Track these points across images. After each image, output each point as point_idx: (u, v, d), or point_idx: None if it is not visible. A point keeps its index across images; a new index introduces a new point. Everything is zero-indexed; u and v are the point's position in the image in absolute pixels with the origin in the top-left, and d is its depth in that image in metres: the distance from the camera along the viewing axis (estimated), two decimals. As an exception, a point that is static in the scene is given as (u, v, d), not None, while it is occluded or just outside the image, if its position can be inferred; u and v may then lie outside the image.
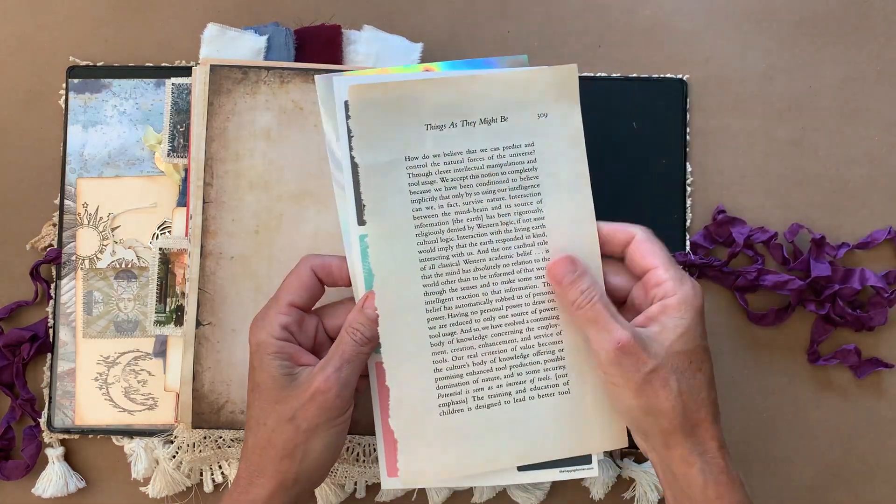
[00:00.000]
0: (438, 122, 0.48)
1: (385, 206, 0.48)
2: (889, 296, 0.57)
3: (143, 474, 0.57)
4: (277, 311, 0.47)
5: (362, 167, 0.48)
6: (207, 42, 0.57)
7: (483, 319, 0.49)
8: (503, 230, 0.49)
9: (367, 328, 0.47)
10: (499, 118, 0.49)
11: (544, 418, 0.49)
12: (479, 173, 0.49)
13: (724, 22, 0.60)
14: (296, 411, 0.45)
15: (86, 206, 0.58)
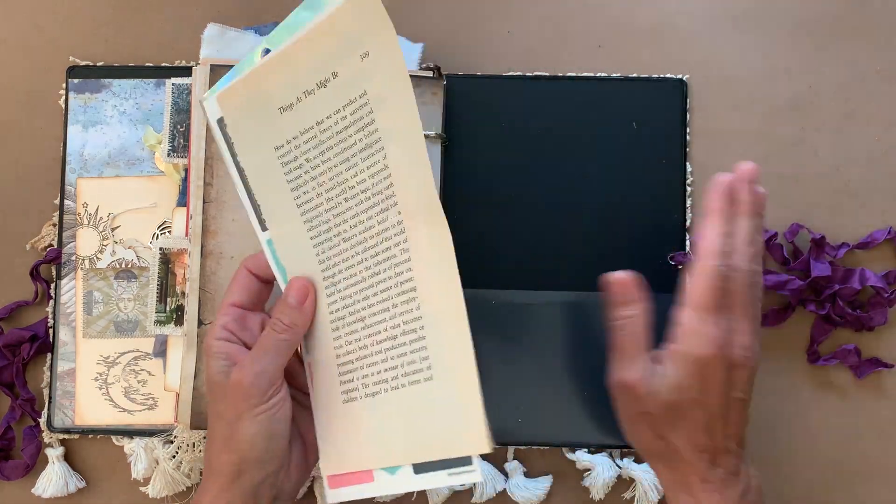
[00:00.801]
0: (286, 102, 0.46)
1: (274, 202, 0.48)
2: (889, 296, 0.57)
3: (143, 474, 0.57)
4: (221, 312, 0.49)
5: (247, 170, 0.48)
6: (207, 42, 0.57)
7: (361, 299, 0.47)
8: (363, 199, 0.46)
9: (286, 315, 0.47)
10: (330, 75, 0.45)
11: (418, 410, 0.45)
12: (332, 143, 0.46)
13: (724, 22, 0.60)
14: (221, 405, 0.47)
15: (86, 206, 0.58)
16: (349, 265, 0.47)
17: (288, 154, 0.47)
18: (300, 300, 0.48)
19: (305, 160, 0.47)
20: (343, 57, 0.44)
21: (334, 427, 0.48)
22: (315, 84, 0.46)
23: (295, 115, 0.47)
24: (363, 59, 0.44)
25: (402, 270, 0.46)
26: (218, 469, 0.47)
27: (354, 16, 0.43)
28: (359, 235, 0.47)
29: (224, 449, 0.46)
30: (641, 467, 0.57)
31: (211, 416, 0.48)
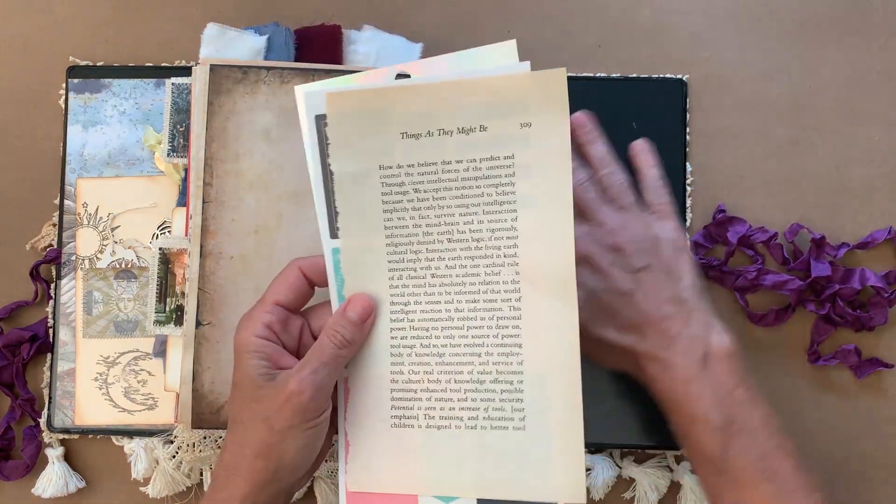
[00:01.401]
0: (413, 130, 0.46)
1: (358, 214, 0.47)
2: (889, 296, 0.57)
3: (143, 474, 0.57)
4: (263, 309, 0.47)
5: (337, 175, 0.47)
6: (207, 42, 0.57)
7: (443, 337, 0.47)
8: (473, 247, 0.47)
9: (348, 331, 0.47)
10: (477, 127, 0.46)
11: (497, 452, 0.47)
12: (452, 185, 0.46)
13: (724, 22, 0.60)
14: (270, 412, 0.45)
15: (86, 206, 0.58)
16: (433, 300, 0.47)
17: (395, 177, 0.47)
18: (362, 318, 0.47)
19: (413, 189, 0.47)
20: (501, 117, 0.45)
21: (373, 447, 0.48)
22: (456, 128, 0.46)
23: (419, 145, 0.46)
24: (523, 126, 0.45)
25: (506, 325, 0.47)
26: (249, 473, 0.45)
27: (534, 88, 0.45)
28: (455, 277, 0.47)
29: (262, 455, 0.45)
30: (641, 467, 0.57)
31: (245, 415, 0.46)
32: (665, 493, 0.57)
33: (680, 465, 0.57)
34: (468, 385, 0.47)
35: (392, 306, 0.48)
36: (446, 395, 0.47)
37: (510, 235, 0.46)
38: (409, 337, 0.48)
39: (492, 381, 0.47)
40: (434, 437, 0.48)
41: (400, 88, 0.46)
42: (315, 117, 0.47)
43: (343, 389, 0.49)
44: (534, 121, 0.45)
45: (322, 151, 0.47)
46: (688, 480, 0.56)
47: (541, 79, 0.44)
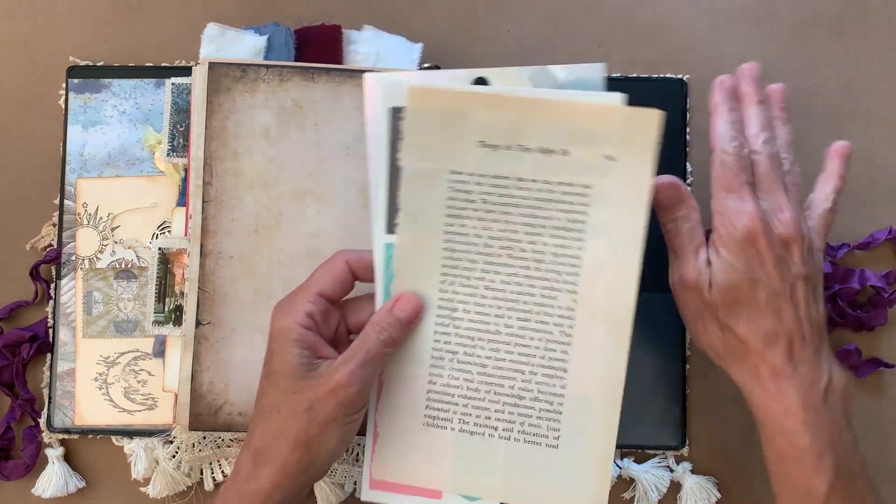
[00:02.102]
0: (492, 141, 0.46)
1: (419, 213, 0.47)
2: (889, 296, 0.57)
3: (143, 474, 0.57)
4: (305, 298, 0.46)
5: (406, 172, 0.46)
6: (207, 42, 0.57)
7: (489, 349, 0.48)
8: (533, 267, 0.47)
9: (396, 329, 0.47)
10: (560, 151, 0.45)
11: (527, 463, 0.48)
12: (522, 203, 0.46)
13: (724, 22, 0.60)
14: (313, 402, 0.44)
15: (86, 206, 0.58)
16: (483, 312, 0.47)
17: (464, 184, 0.46)
18: (411, 318, 0.47)
19: (482, 199, 0.46)
20: (586, 144, 0.45)
21: (402, 442, 0.49)
22: (537, 147, 0.45)
23: (496, 156, 0.46)
24: (606, 159, 0.45)
25: (554, 349, 0.47)
26: (283, 464, 0.45)
27: (626, 124, 0.45)
28: (509, 293, 0.47)
29: (300, 446, 0.45)
30: (641, 467, 0.57)
31: (283, 405, 0.45)
32: (665, 493, 0.57)
33: (680, 466, 0.57)
34: (507, 399, 0.48)
35: (439, 310, 0.48)
36: (484, 405, 0.48)
37: (573, 263, 0.46)
38: (453, 343, 0.48)
39: (532, 398, 0.48)
40: (466, 441, 0.48)
41: (486, 95, 0.45)
42: (390, 109, 0.47)
43: (376, 381, 0.49)
44: (619, 156, 0.45)
45: (392, 144, 0.47)
46: (688, 480, 0.56)
47: (635, 117, 0.45)
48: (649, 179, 0.45)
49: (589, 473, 0.48)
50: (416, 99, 0.46)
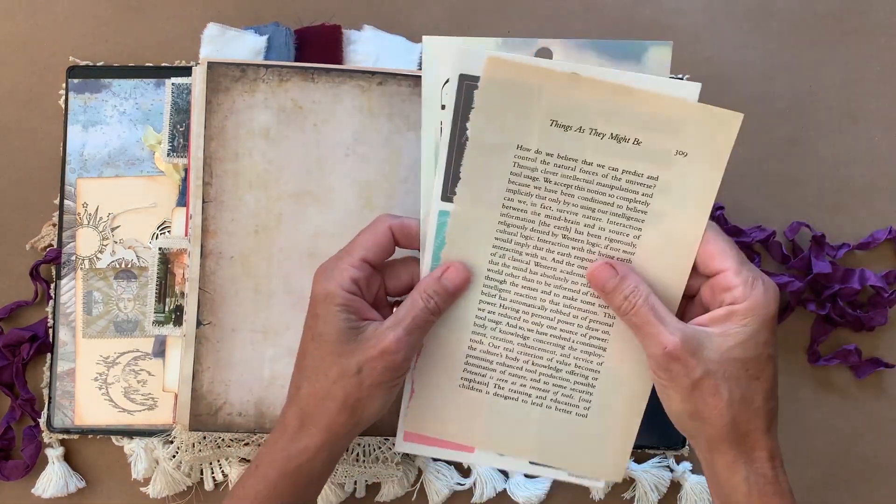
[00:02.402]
0: (564, 121, 0.45)
1: (479, 184, 0.46)
2: (889, 296, 0.57)
3: (143, 474, 0.57)
4: (350, 263, 0.47)
5: (472, 142, 0.46)
6: (207, 42, 0.57)
7: (531, 322, 0.48)
8: (587, 249, 0.47)
9: (442, 298, 0.47)
10: (632, 140, 0.45)
11: (557, 427, 0.50)
12: (585, 186, 0.46)
13: (724, 22, 0.60)
14: (361, 366, 0.45)
15: (86, 206, 0.58)
16: (530, 287, 0.48)
17: (528, 160, 0.46)
18: (459, 288, 0.48)
19: (544, 178, 0.46)
20: (660, 137, 0.45)
21: (437, 400, 0.50)
22: (609, 133, 0.45)
23: (566, 137, 0.45)
24: (676, 153, 0.45)
25: (596, 328, 0.48)
26: (330, 425, 0.46)
27: (704, 121, 0.45)
28: (559, 272, 0.47)
29: (347, 408, 0.46)
30: (642, 467, 0.57)
31: (331, 367, 0.46)
32: (665, 493, 0.57)
33: (680, 466, 0.57)
34: (544, 370, 0.49)
35: (487, 280, 0.48)
36: (521, 373, 0.49)
37: (627, 250, 0.47)
38: (497, 313, 0.48)
39: (568, 371, 0.49)
40: (500, 404, 0.50)
41: (565, 74, 0.45)
42: (461, 75, 0.46)
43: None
44: (691, 152, 0.45)
45: (462, 113, 0.46)
46: (688, 480, 0.57)
47: (715, 116, 0.45)
48: (718, 179, 0.45)
49: (612, 445, 0.50)
50: (493, 69, 0.45)
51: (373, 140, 0.54)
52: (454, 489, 0.57)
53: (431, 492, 0.57)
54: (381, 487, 0.57)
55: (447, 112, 0.47)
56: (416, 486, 0.58)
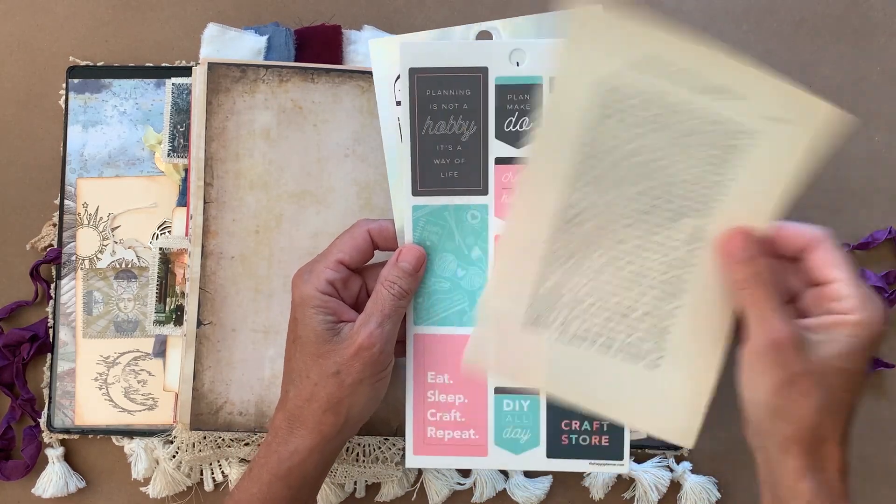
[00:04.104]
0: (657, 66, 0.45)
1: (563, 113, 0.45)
2: (889, 296, 0.57)
3: (144, 474, 0.57)
4: (325, 265, 0.48)
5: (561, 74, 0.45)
6: (207, 42, 0.57)
7: (608, 256, 0.47)
8: (669, 185, 0.46)
9: (404, 281, 0.48)
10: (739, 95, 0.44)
11: (620, 379, 0.48)
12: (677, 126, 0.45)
13: (724, 22, 0.60)
14: (340, 366, 0.46)
15: (86, 206, 0.58)
16: (609, 219, 0.46)
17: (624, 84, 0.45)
18: (416, 267, 0.48)
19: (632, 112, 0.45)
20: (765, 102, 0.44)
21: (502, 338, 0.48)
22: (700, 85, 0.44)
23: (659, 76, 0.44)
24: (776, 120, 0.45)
25: (679, 267, 0.46)
26: (317, 426, 0.47)
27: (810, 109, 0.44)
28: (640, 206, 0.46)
29: (332, 409, 0.46)
30: (642, 467, 0.57)
31: (312, 370, 0.47)
32: (665, 493, 0.57)
33: (680, 466, 0.57)
34: (614, 311, 0.47)
35: (565, 209, 0.46)
36: (588, 314, 0.47)
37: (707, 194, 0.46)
38: (572, 244, 0.47)
39: (641, 314, 0.47)
40: (562, 348, 0.48)
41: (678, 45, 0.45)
42: (409, 70, 0.47)
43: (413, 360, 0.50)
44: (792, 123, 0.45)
45: (414, 105, 0.48)
46: (688, 480, 0.57)
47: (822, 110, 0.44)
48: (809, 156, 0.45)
49: (683, 405, 0.48)
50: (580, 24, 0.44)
51: (373, 140, 0.54)
52: (454, 489, 0.57)
53: (431, 492, 0.57)
54: (381, 487, 0.57)
55: (403, 108, 0.48)
56: (416, 486, 0.58)
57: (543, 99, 0.47)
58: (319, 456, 0.47)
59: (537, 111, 0.48)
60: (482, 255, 0.50)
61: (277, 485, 0.47)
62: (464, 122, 0.49)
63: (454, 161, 0.49)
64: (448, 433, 0.51)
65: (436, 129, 0.49)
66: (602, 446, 0.51)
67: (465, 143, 0.49)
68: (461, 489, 0.57)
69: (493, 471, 0.57)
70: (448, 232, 0.50)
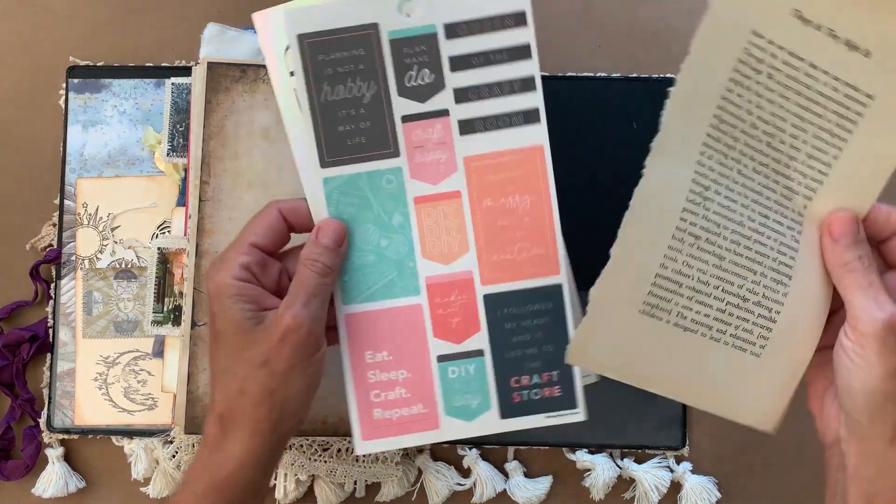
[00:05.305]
0: (808, 15, 0.42)
1: (702, 68, 0.42)
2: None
3: (143, 474, 0.57)
4: (238, 251, 0.44)
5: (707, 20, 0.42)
6: (207, 42, 0.57)
7: (730, 240, 0.44)
8: (784, 161, 0.44)
9: (326, 257, 0.45)
10: (863, 50, 0.42)
11: (723, 369, 0.45)
12: (803, 92, 0.43)
13: (725, 21, 0.60)
14: (267, 355, 0.43)
15: (86, 206, 0.58)
16: (731, 196, 0.44)
17: (760, 50, 0.42)
18: (337, 241, 0.46)
19: (767, 74, 0.43)
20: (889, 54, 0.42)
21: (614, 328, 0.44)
22: (844, 38, 0.42)
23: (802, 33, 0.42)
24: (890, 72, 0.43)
25: (786, 252, 0.44)
26: (250, 423, 0.43)
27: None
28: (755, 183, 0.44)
29: (265, 402, 0.43)
30: (642, 467, 0.57)
31: (237, 364, 0.44)
32: (665, 493, 0.57)
33: (680, 466, 0.57)
34: (733, 299, 0.44)
35: (693, 185, 0.43)
36: (709, 301, 0.44)
37: (821, 170, 0.44)
38: (699, 226, 0.43)
39: (755, 302, 0.44)
40: (676, 337, 0.44)
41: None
42: (298, 36, 0.46)
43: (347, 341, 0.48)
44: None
45: (308, 71, 0.46)
46: (688, 480, 0.56)
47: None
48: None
49: (774, 391, 0.46)
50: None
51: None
52: (454, 489, 0.57)
53: (431, 492, 0.57)
54: (381, 487, 0.57)
55: (297, 77, 0.46)
56: (416, 486, 0.58)
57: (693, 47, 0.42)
58: (256, 459, 0.44)
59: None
60: (404, 221, 0.47)
61: (215, 496, 0.43)
62: (362, 84, 0.47)
63: (359, 125, 0.47)
64: (396, 412, 0.48)
65: (334, 94, 0.47)
66: (555, 398, 0.48)
67: (368, 104, 0.47)
68: (461, 489, 0.57)
69: (494, 471, 0.57)
70: (364, 202, 0.47)
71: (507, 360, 0.48)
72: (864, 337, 0.42)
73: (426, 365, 0.48)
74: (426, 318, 0.48)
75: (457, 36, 0.47)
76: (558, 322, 0.48)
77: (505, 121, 0.47)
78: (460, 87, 0.47)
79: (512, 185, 0.48)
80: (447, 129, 0.47)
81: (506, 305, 0.48)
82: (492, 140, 0.47)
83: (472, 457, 0.57)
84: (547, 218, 0.48)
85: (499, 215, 0.48)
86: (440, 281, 0.48)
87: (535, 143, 0.47)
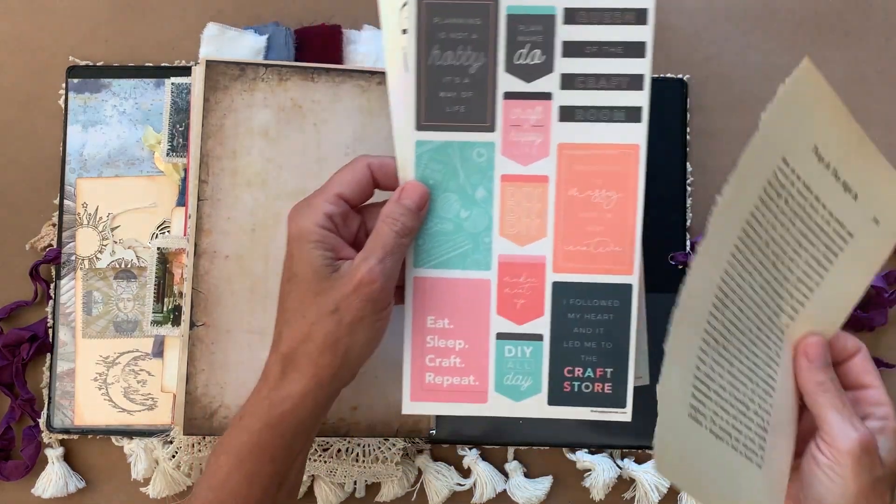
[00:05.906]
0: (824, 153, 0.45)
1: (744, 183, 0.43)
2: (889, 296, 0.57)
3: (143, 474, 0.57)
4: (324, 199, 0.45)
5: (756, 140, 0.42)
6: (207, 42, 0.57)
7: (736, 347, 0.45)
8: (781, 280, 0.46)
9: (407, 217, 0.45)
10: (853, 193, 0.46)
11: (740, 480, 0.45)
12: (806, 221, 0.45)
13: (724, 22, 0.60)
14: (338, 303, 0.44)
15: (85, 206, 0.58)
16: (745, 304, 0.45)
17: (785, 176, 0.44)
18: (420, 205, 0.46)
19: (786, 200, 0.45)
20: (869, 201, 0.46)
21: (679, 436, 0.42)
22: (843, 180, 0.46)
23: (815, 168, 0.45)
24: (873, 221, 0.47)
25: (770, 365, 0.46)
26: (312, 368, 0.44)
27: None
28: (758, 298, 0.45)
29: (329, 349, 0.44)
30: (642, 468, 0.57)
31: (308, 308, 0.44)
32: (665, 493, 0.57)
33: (680, 466, 0.57)
34: (740, 405, 0.45)
35: (718, 291, 0.43)
36: (727, 405, 0.44)
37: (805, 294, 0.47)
38: (720, 327, 0.44)
39: (754, 410, 0.46)
40: (712, 444, 0.44)
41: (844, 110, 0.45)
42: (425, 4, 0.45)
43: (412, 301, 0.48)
44: (884, 223, 0.47)
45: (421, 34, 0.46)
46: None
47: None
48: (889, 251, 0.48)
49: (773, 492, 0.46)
50: (805, 75, 0.44)
51: (373, 140, 0.54)
52: (454, 489, 0.57)
53: (431, 492, 0.57)
54: (381, 487, 0.57)
55: (409, 36, 0.46)
56: (416, 486, 0.58)
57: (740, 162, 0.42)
58: (313, 402, 0.45)
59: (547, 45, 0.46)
60: (487, 196, 0.47)
61: (269, 433, 0.44)
62: (472, 53, 0.46)
63: (461, 94, 0.47)
64: (447, 379, 0.49)
65: (442, 59, 0.46)
66: (605, 394, 0.48)
67: (473, 75, 0.46)
68: (461, 489, 0.57)
69: (494, 471, 0.57)
70: (452, 170, 0.47)
71: (565, 349, 0.48)
72: (841, 454, 0.44)
73: (484, 340, 0.48)
74: (492, 295, 0.48)
75: (575, 22, 0.46)
76: (622, 321, 0.48)
77: (606, 114, 0.47)
78: (568, 72, 0.47)
79: (601, 178, 0.47)
80: (547, 113, 0.47)
81: (573, 296, 0.48)
82: (590, 131, 0.47)
83: (472, 457, 0.57)
84: (630, 217, 0.47)
85: (582, 207, 0.48)
86: (513, 261, 0.48)
87: (633, 142, 0.47)
